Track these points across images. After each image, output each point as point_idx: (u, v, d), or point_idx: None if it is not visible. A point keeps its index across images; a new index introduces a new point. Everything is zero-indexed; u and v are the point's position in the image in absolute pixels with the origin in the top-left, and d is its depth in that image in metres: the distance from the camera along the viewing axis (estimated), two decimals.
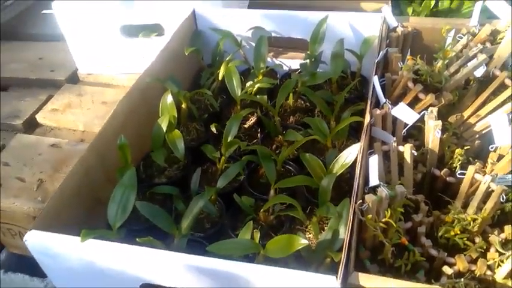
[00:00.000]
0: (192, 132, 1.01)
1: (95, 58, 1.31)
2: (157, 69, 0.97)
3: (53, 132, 1.20)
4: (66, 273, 0.71)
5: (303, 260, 0.72)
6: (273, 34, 1.14)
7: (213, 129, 0.96)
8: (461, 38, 0.93)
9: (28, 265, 1.00)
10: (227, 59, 1.05)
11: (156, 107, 0.92)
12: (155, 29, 1.23)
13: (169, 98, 0.92)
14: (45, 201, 0.71)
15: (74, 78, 1.37)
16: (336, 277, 0.57)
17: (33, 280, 1.02)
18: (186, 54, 1.03)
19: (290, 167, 0.92)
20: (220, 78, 1.05)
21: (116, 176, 0.79)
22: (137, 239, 0.67)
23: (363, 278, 0.59)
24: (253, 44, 1.09)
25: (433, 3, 1.23)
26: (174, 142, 0.88)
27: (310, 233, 0.80)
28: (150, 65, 0.96)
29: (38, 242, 0.66)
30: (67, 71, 1.37)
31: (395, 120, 0.83)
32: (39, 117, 1.22)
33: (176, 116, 0.91)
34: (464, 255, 0.69)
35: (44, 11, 1.31)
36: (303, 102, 1.07)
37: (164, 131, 0.88)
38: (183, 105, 0.98)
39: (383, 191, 0.67)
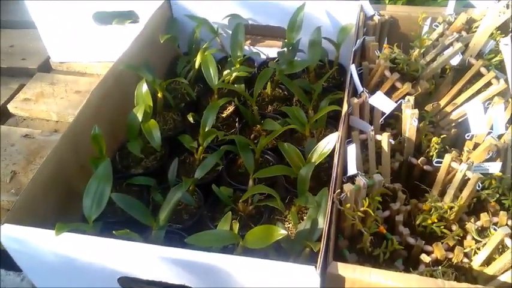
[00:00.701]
0: (168, 121, 0.99)
1: (67, 46, 1.28)
2: (131, 57, 0.95)
3: (26, 122, 1.17)
4: (42, 268, 0.69)
5: (283, 250, 0.72)
6: (250, 22, 1.13)
7: (190, 118, 0.95)
8: (437, 26, 0.94)
9: (4, 259, 0.98)
10: (203, 46, 1.03)
11: (131, 96, 0.91)
12: (129, 16, 1.20)
13: (144, 87, 0.90)
14: (19, 194, 0.69)
15: (46, 67, 1.33)
16: (315, 267, 0.57)
17: (9, 274, 1.00)
18: (161, 41, 1.01)
19: (269, 157, 0.91)
20: (196, 66, 1.03)
21: (90, 166, 0.78)
22: (114, 232, 0.66)
23: (342, 268, 0.59)
24: (230, 32, 1.07)
25: None
26: (150, 132, 0.86)
27: (289, 223, 0.80)
28: (124, 53, 0.93)
29: (11, 236, 0.64)
30: (39, 59, 1.33)
31: (372, 109, 0.83)
32: (11, 107, 1.19)
33: (152, 105, 0.90)
34: (442, 243, 0.69)
35: None
36: (281, 91, 1.07)
37: (140, 120, 0.86)
38: (159, 94, 0.96)
39: (361, 180, 0.67)
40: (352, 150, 0.72)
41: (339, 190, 0.68)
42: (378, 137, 0.77)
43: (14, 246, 0.66)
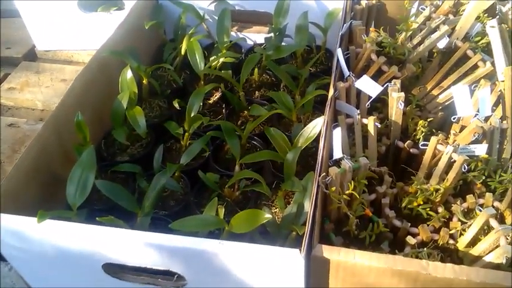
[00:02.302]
0: (154, 108, 0.99)
1: (52, 34, 1.26)
2: (115, 44, 0.94)
3: (11, 111, 1.16)
4: (26, 256, 0.69)
5: (270, 235, 0.72)
6: (237, 8, 1.12)
7: (176, 105, 0.94)
8: (424, 9, 0.93)
9: None
10: (189, 32, 1.02)
11: (116, 83, 0.89)
12: (115, 3, 1.19)
13: (129, 74, 0.89)
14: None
15: (31, 56, 1.32)
16: (300, 250, 0.57)
17: None
18: (146, 27, 1.00)
19: (256, 143, 0.91)
20: (182, 53, 1.02)
21: (75, 153, 0.77)
22: (97, 219, 0.65)
23: (327, 250, 0.59)
24: (217, 18, 1.06)
25: None
26: (135, 119, 0.85)
27: (276, 208, 0.80)
28: (108, 39, 0.92)
29: None
30: (24, 48, 1.32)
31: (359, 93, 0.82)
32: None
33: (136, 92, 0.89)
34: (428, 225, 0.69)
35: None
36: (268, 77, 1.06)
37: (124, 107, 0.85)
38: (144, 81, 0.95)
39: (346, 164, 0.67)
40: (337, 133, 0.72)
41: (324, 174, 0.67)
42: (364, 120, 0.77)
43: None
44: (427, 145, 0.74)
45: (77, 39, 1.26)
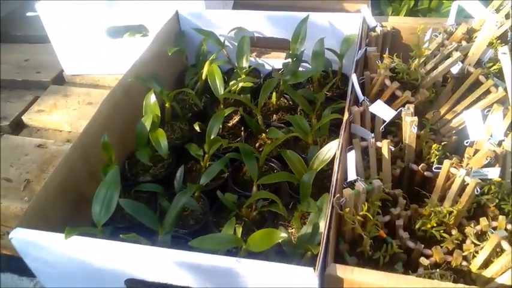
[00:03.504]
0: (176, 131, 1.02)
1: (80, 59, 1.32)
2: (140, 69, 0.98)
3: (39, 133, 1.21)
4: (52, 270, 0.72)
5: (285, 255, 0.74)
6: (256, 34, 1.16)
7: (197, 127, 0.97)
8: (437, 36, 0.96)
9: (17, 265, 1.01)
10: (210, 58, 1.06)
11: (140, 107, 0.94)
12: (140, 30, 1.24)
13: (152, 98, 0.93)
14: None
15: (59, 80, 1.37)
16: (314, 269, 0.59)
17: (22, 280, 1.03)
18: (170, 54, 1.04)
19: (273, 165, 0.93)
20: (203, 77, 1.06)
21: (100, 173, 0.80)
22: (121, 236, 0.68)
23: (340, 269, 0.61)
24: (236, 44, 1.11)
25: (412, 3, 1.25)
26: (158, 141, 0.89)
27: (292, 228, 0.82)
28: (133, 65, 0.97)
29: (23, 239, 0.67)
30: (53, 72, 1.38)
31: (374, 117, 0.85)
32: (25, 119, 1.23)
33: (159, 115, 0.93)
34: (441, 247, 0.71)
35: (29, 13, 1.32)
36: (286, 101, 1.09)
37: (148, 129, 0.89)
38: (167, 105, 0.99)
39: (360, 185, 0.69)
40: (352, 156, 0.74)
41: (338, 195, 0.70)
42: (379, 144, 0.79)
43: (25, 250, 0.69)
44: (440, 168, 0.76)
45: (103, 64, 1.31)
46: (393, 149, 0.79)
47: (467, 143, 0.80)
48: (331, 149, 0.81)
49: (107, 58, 1.30)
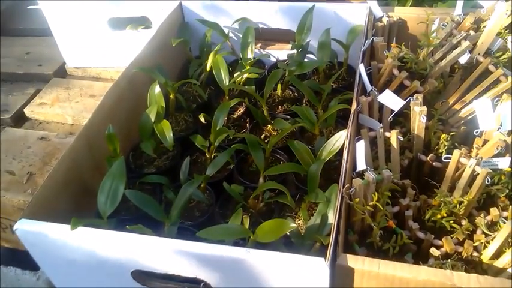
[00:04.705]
0: (181, 122, 1.01)
1: (82, 52, 1.31)
2: (144, 60, 0.97)
3: (42, 125, 1.20)
4: (57, 262, 0.71)
5: (293, 246, 0.73)
6: (260, 26, 1.15)
7: (202, 119, 0.96)
8: (445, 26, 0.95)
9: (20, 259, 1.01)
10: (215, 50, 1.05)
11: (144, 98, 0.93)
12: (142, 22, 1.23)
13: (157, 89, 0.92)
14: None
15: (61, 72, 1.36)
16: (325, 258, 0.58)
17: (25, 273, 1.02)
18: (173, 45, 1.03)
19: (279, 156, 0.92)
20: (208, 69, 1.05)
21: (105, 165, 0.79)
22: (127, 227, 0.67)
23: (351, 260, 0.60)
24: (241, 36, 1.09)
25: None
26: (163, 132, 0.88)
27: (299, 219, 0.81)
28: (137, 56, 0.96)
29: (28, 230, 0.66)
30: (55, 65, 1.37)
31: (381, 107, 0.84)
32: (28, 111, 1.22)
33: (164, 106, 0.92)
34: (451, 237, 0.70)
35: (30, 6, 1.31)
36: (291, 92, 1.08)
37: (152, 121, 0.88)
38: (171, 96, 0.98)
39: (370, 175, 0.68)
40: (360, 146, 0.73)
41: (348, 185, 0.69)
42: (387, 134, 0.78)
43: (30, 241, 0.68)
44: (450, 158, 0.75)
45: (105, 57, 1.30)
46: (402, 139, 0.78)
47: (476, 132, 0.79)
48: (339, 139, 0.80)
49: (109, 51, 1.29)
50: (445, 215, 0.72)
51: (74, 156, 0.79)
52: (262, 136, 0.98)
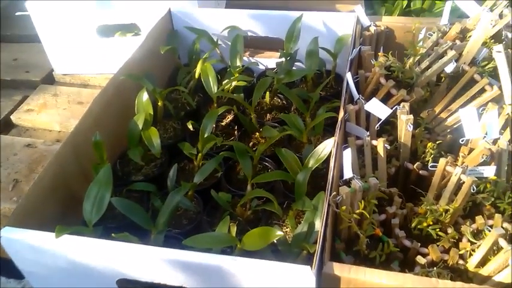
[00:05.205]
0: (169, 130, 1.01)
1: (70, 58, 1.30)
2: (132, 67, 0.97)
3: (28, 132, 1.19)
4: (42, 270, 0.70)
5: (281, 254, 0.73)
6: (249, 34, 1.15)
7: (190, 126, 0.96)
8: (431, 35, 0.96)
9: (4, 267, 0.99)
10: (203, 57, 1.05)
11: (132, 105, 0.92)
12: (131, 29, 1.23)
13: (145, 96, 0.92)
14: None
15: (49, 79, 1.35)
16: (311, 267, 0.58)
17: (10, 282, 1.01)
18: (162, 52, 1.03)
19: (267, 164, 0.92)
20: (196, 76, 1.05)
21: (92, 172, 0.79)
22: (113, 235, 0.67)
23: (338, 268, 0.60)
24: (230, 43, 1.10)
25: (405, 3, 1.25)
26: (151, 139, 0.88)
27: (287, 227, 0.81)
28: (125, 63, 0.95)
29: (12, 238, 0.65)
30: (42, 71, 1.36)
31: (368, 115, 0.84)
32: (14, 118, 1.21)
33: (152, 113, 0.91)
34: (437, 245, 0.70)
35: (19, 13, 1.30)
36: (279, 100, 1.08)
37: (140, 128, 0.88)
38: (159, 103, 0.98)
39: (357, 183, 0.68)
40: (347, 154, 0.73)
41: (335, 193, 0.69)
42: (374, 142, 0.79)
43: (15, 249, 0.67)
44: (436, 167, 0.75)
45: (93, 64, 1.30)
46: (388, 147, 0.78)
47: (462, 141, 0.79)
48: (326, 147, 0.80)
49: (98, 57, 1.28)
50: (431, 223, 0.72)
51: (60, 163, 0.78)
52: (251, 144, 0.98)
